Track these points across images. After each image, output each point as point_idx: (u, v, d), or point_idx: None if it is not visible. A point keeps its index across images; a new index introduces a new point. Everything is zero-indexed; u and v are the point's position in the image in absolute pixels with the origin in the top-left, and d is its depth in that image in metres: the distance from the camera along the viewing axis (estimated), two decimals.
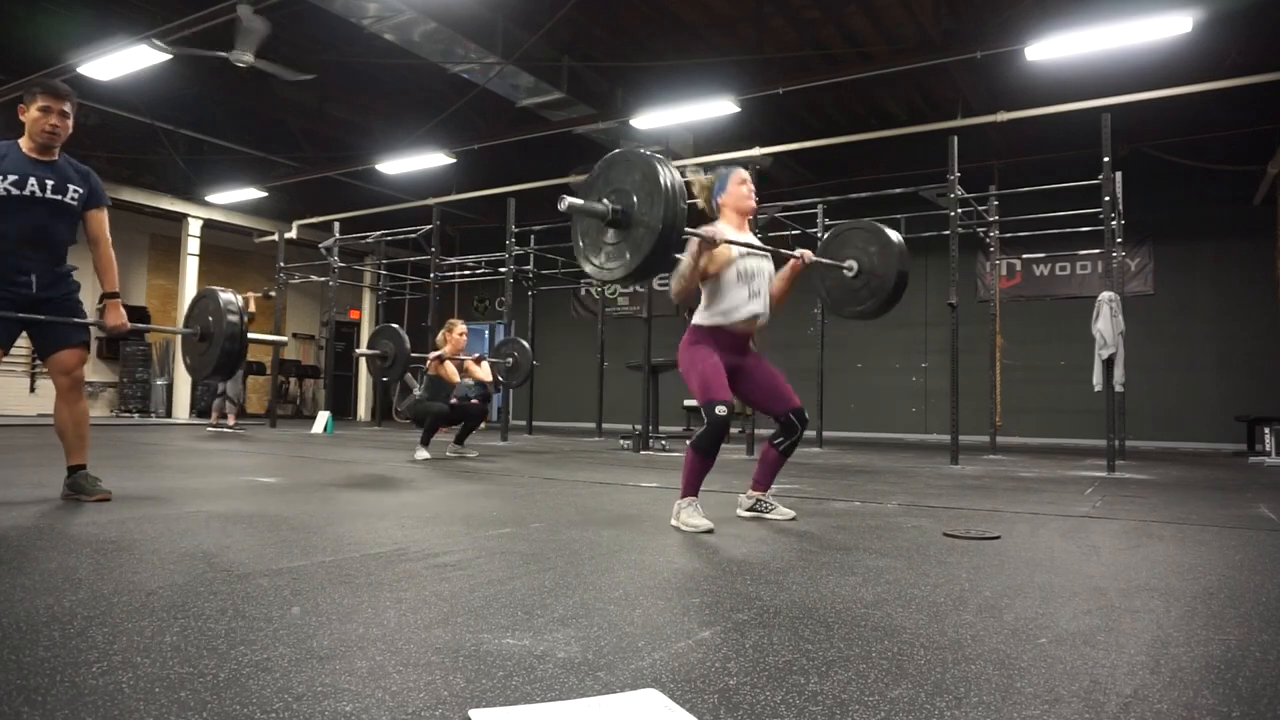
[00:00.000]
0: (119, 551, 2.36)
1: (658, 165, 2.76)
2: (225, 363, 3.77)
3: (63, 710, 1.17)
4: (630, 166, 2.85)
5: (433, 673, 1.37)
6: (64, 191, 3.32)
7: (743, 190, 3.28)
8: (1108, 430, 6.24)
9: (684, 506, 3.09)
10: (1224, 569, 2.44)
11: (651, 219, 2.73)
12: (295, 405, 16.09)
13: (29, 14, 8.75)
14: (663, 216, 2.69)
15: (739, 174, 3.31)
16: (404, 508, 3.64)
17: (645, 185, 2.77)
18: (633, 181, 2.82)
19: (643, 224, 2.76)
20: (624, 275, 2.88)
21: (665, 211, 2.69)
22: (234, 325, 3.73)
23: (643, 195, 2.77)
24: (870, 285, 3.86)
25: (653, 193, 2.73)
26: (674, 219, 2.70)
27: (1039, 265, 11.94)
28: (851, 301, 3.98)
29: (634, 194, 2.80)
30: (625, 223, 2.81)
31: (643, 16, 8.82)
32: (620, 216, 2.82)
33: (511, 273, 10.03)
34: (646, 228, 2.74)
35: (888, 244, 3.81)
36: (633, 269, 2.81)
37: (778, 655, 1.52)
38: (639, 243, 2.77)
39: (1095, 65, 7.86)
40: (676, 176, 2.77)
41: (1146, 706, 1.29)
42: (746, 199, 3.28)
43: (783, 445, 3.30)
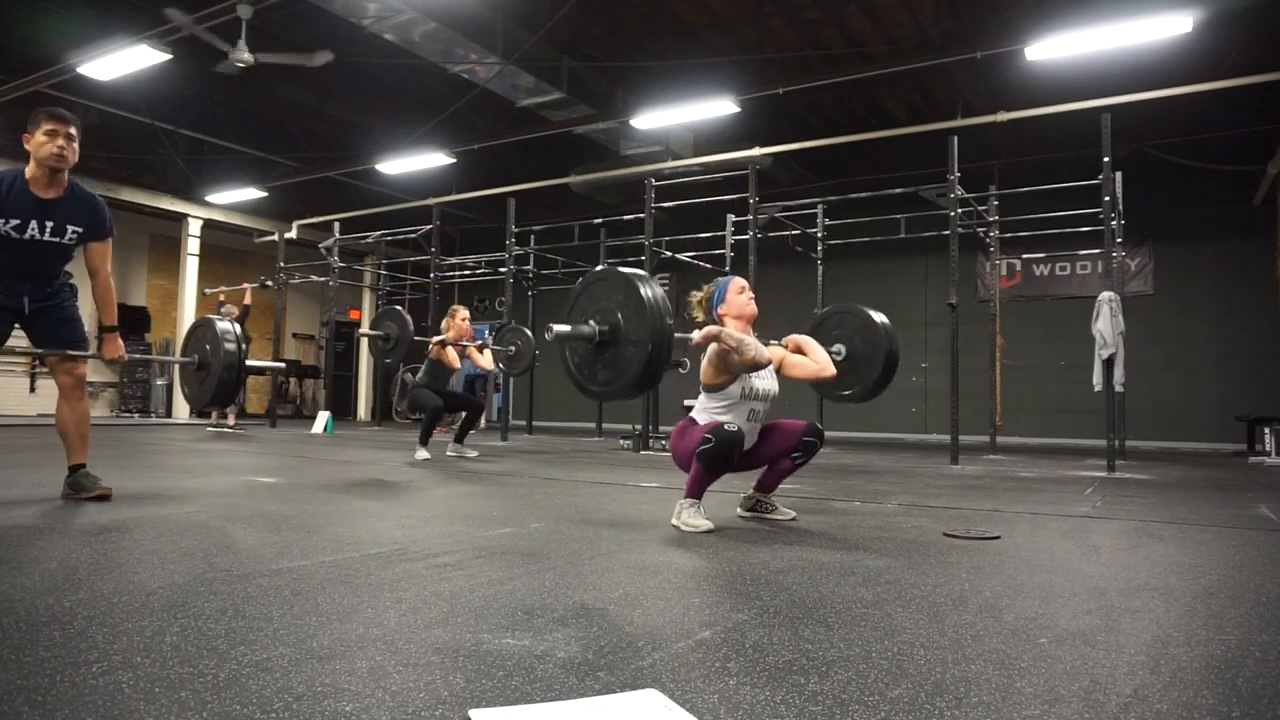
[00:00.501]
0: (119, 552, 2.36)
1: (638, 283, 2.81)
2: (223, 392, 3.78)
3: (63, 710, 1.17)
4: (612, 286, 2.90)
5: (433, 673, 1.37)
6: (62, 234, 3.30)
7: (742, 299, 3.23)
8: (1108, 430, 6.24)
9: (685, 506, 3.09)
10: (1224, 569, 2.44)
11: (639, 336, 2.78)
12: (295, 405, 16.09)
13: (29, 14, 8.75)
14: (650, 332, 2.75)
15: (737, 282, 3.26)
16: (404, 508, 3.64)
17: (628, 303, 2.81)
18: (616, 300, 2.86)
19: (630, 342, 2.81)
20: (622, 393, 2.94)
21: (652, 327, 2.74)
22: (231, 354, 3.72)
23: (627, 313, 2.82)
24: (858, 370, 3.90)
25: (637, 310, 2.78)
26: (660, 334, 2.76)
27: (1039, 265, 11.93)
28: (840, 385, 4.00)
29: (619, 312, 2.85)
30: (613, 342, 2.87)
31: (643, 16, 8.82)
32: (608, 337, 2.87)
33: (511, 273, 10.03)
34: (635, 345, 2.79)
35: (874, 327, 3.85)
36: (628, 387, 2.88)
37: (778, 655, 1.52)
38: (629, 360, 2.83)
39: (1095, 65, 7.86)
40: (658, 291, 2.82)
41: (1146, 706, 1.29)
42: (747, 306, 3.22)
43: (799, 460, 3.29)
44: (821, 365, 3.31)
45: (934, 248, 9.48)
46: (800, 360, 3.33)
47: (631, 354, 2.82)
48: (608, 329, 2.87)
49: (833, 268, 9.50)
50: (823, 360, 3.33)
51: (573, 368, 3.05)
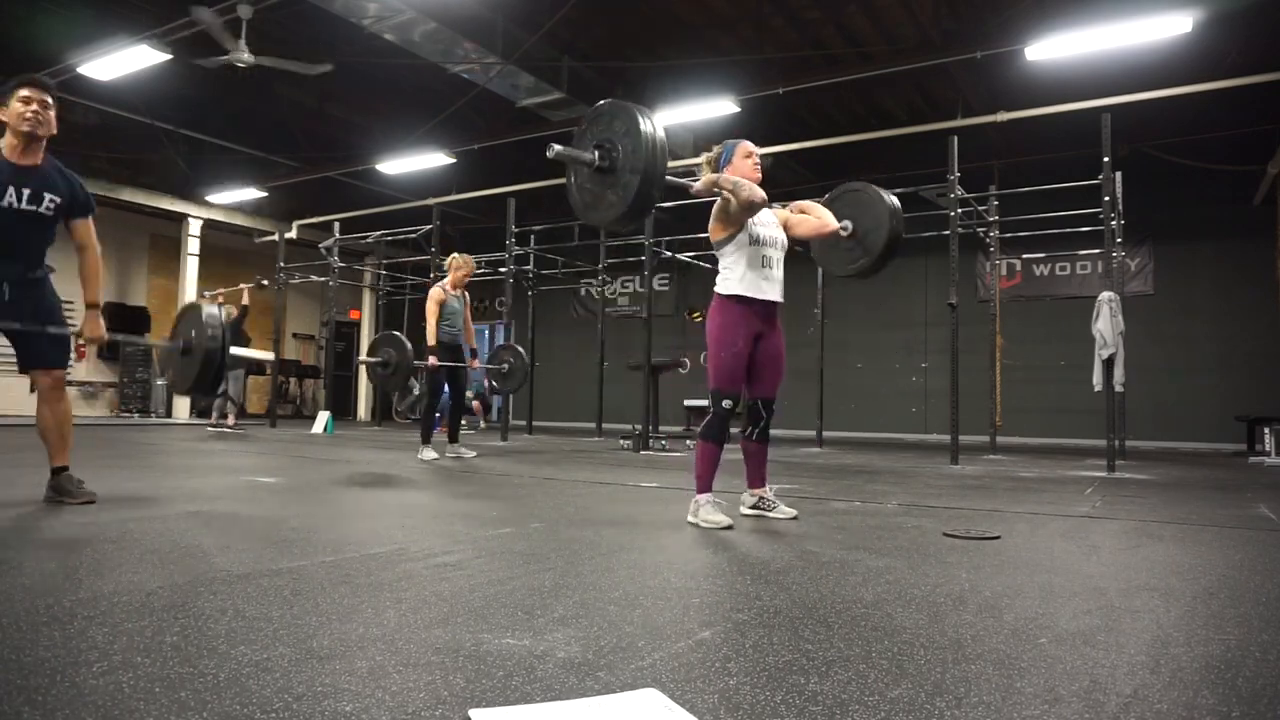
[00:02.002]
0: (119, 551, 2.36)
1: (639, 115, 2.92)
2: (204, 377, 3.63)
3: (63, 710, 1.17)
4: (614, 117, 3.00)
5: (433, 673, 1.37)
6: (39, 201, 3.18)
7: (748, 164, 3.29)
8: (1108, 430, 6.24)
9: (702, 504, 3.14)
10: (1224, 569, 2.44)
11: (635, 164, 2.89)
12: (295, 405, 16.09)
13: (29, 14, 8.75)
14: (644, 161, 2.86)
15: (744, 146, 3.34)
16: (404, 508, 3.64)
17: (628, 133, 2.93)
18: (617, 130, 2.97)
19: (627, 169, 2.92)
20: (615, 218, 3.04)
21: (646, 157, 2.86)
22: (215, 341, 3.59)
23: (626, 143, 2.93)
24: (864, 244, 3.92)
25: (635, 140, 2.90)
26: (655, 163, 2.87)
27: (1039, 265, 11.94)
28: (846, 259, 4.03)
29: (619, 142, 2.95)
30: (611, 169, 2.97)
31: (643, 16, 8.82)
32: (606, 164, 2.97)
33: (511, 273, 10.03)
34: (630, 172, 2.90)
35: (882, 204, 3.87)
36: (621, 212, 2.97)
37: (778, 655, 1.52)
38: (625, 187, 2.93)
39: (1095, 65, 7.86)
40: (657, 126, 2.93)
41: (1146, 706, 1.29)
42: (752, 172, 3.28)
43: (752, 434, 3.37)
44: (823, 221, 3.46)
45: (934, 248, 9.47)
46: (803, 218, 3.46)
47: (627, 180, 2.93)
48: (606, 157, 2.98)
49: None
50: (825, 215, 3.48)
51: (574, 191, 3.15)
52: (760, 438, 3.38)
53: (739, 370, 3.21)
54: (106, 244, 12.62)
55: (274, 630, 1.60)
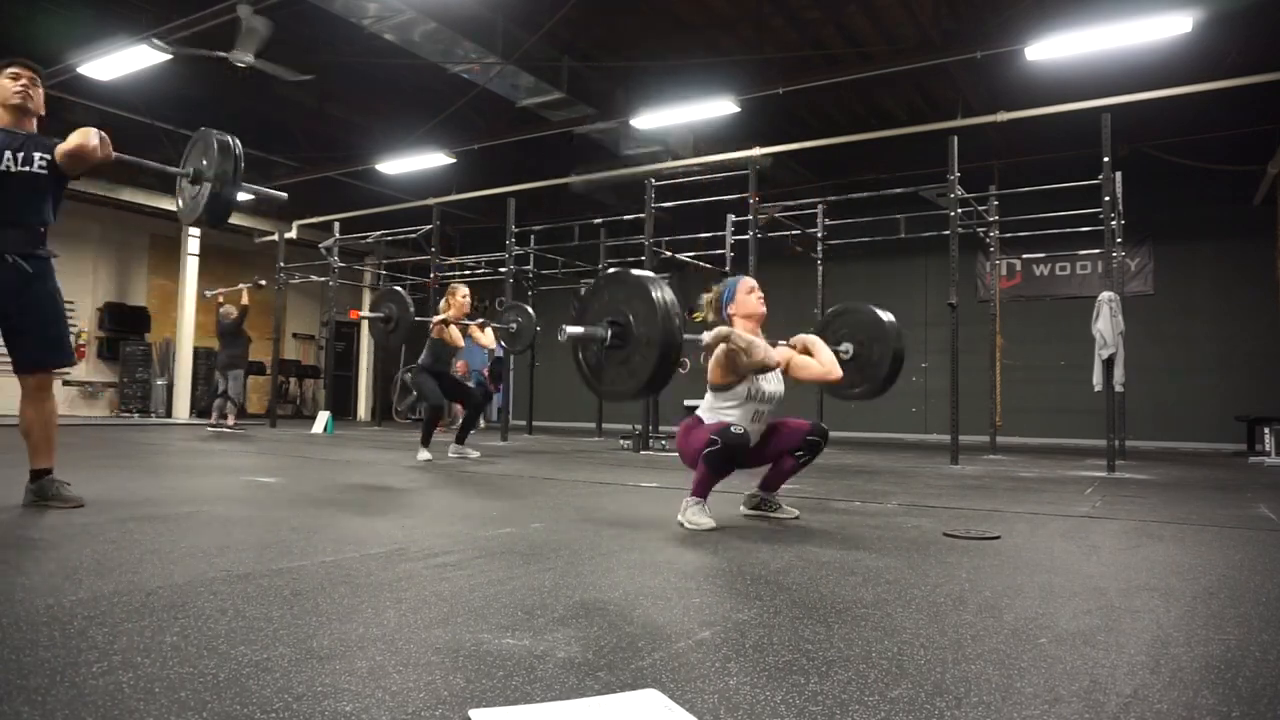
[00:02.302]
0: (119, 551, 2.36)
1: (649, 285, 2.85)
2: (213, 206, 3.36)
3: (63, 710, 1.17)
4: (625, 288, 2.94)
5: (433, 673, 1.37)
6: (31, 161, 3.14)
7: (752, 299, 3.24)
8: (1108, 430, 6.24)
9: (691, 505, 3.11)
10: (1224, 569, 2.44)
11: (650, 337, 2.81)
12: (295, 405, 16.09)
13: (29, 14, 8.75)
14: (660, 334, 2.78)
15: (746, 282, 3.29)
16: (404, 507, 3.64)
17: (640, 306, 2.85)
18: (628, 303, 2.90)
19: (642, 343, 2.85)
20: (633, 395, 2.98)
21: (662, 329, 2.78)
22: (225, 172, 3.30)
23: (638, 315, 2.85)
24: (865, 370, 3.92)
25: (648, 313, 2.82)
26: (671, 335, 2.79)
27: (1039, 265, 11.93)
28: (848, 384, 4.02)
29: (630, 314, 2.88)
30: (624, 343, 2.90)
31: (643, 16, 8.82)
32: (619, 339, 2.91)
33: (511, 273, 10.03)
34: (646, 346, 2.83)
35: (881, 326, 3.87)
36: (639, 388, 2.91)
37: (778, 655, 1.52)
38: (641, 362, 2.86)
39: (1095, 65, 7.86)
40: (669, 294, 2.85)
41: (1146, 706, 1.29)
42: (757, 306, 3.23)
43: (803, 459, 3.30)
44: (827, 368, 3.31)
45: (934, 248, 9.48)
46: (807, 362, 3.34)
47: (642, 357, 2.86)
48: (619, 331, 2.91)
49: (833, 268, 9.50)
50: (829, 363, 3.32)
51: (585, 368, 3.09)
52: (803, 463, 3.31)
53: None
54: (107, 244, 12.57)
55: (274, 630, 1.60)
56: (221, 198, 3.32)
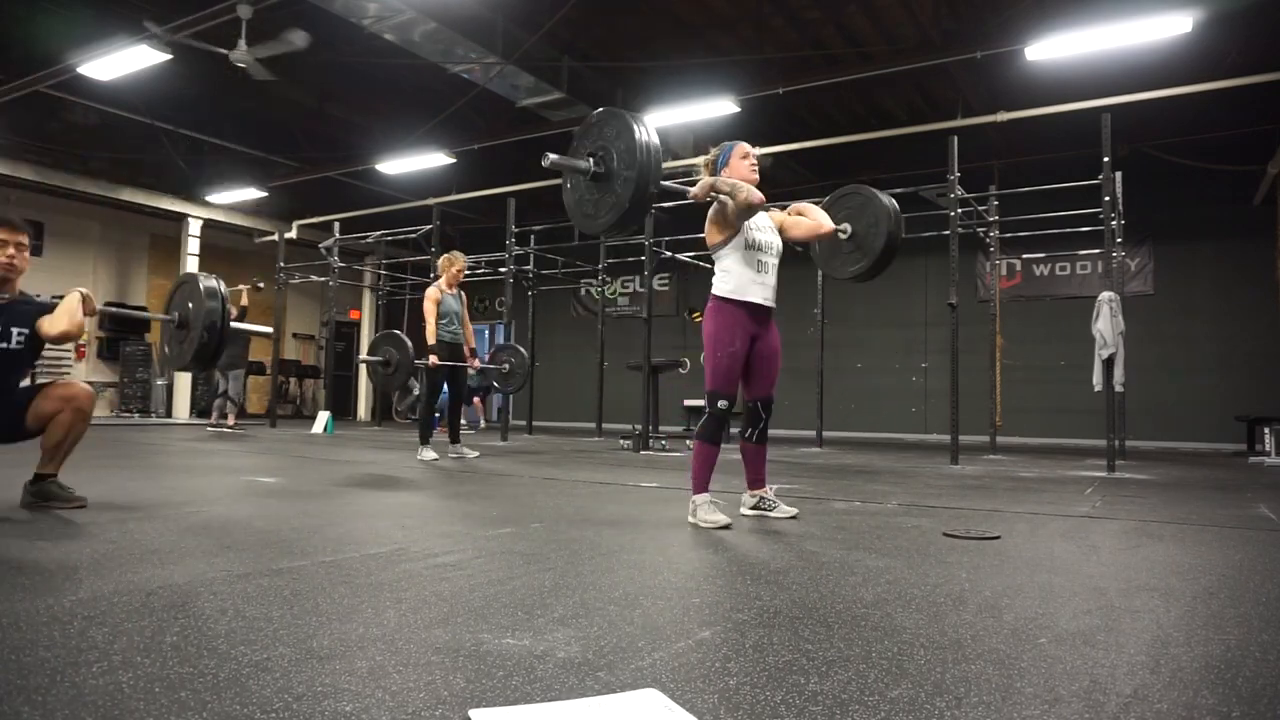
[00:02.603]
0: (119, 551, 2.36)
1: (634, 123, 2.94)
2: (203, 353, 3.41)
3: (63, 710, 1.17)
4: (606, 124, 3.04)
5: (433, 673, 1.37)
6: (8, 338, 3.07)
7: (745, 164, 3.32)
8: (1108, 430, 6.24)
9: (700, 504, 3.15)
10: (1224, 569, 2.44)
11: (629, 173, 2.92)
12: (295, 405, 16.09)
13: (29, 14, 8.75)
14: (639, 162, 2.89)
15: (741, 147, 3.36)
16: (404, 508, 3.64)
17: (620, 137, 2.96)
18: (609, 136, 3.01)
19: (621, 177, 2.95)
20: (608, 225, 3.06)
21: (641, 158, 2.89)
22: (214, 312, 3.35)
23: (620, 145, 2.96)
24: (863, 246, 3.94)
25: (629, 143, 2.93)
26: (649, 163, 2.90)
27: (1039, 265, 11.93)
28: (846, 262, 4.05)
29: (612, 147, 2.98)
30: (606, 176, 3.00)
31: (643, 16, 8.81)
32: (601, 169, 3.01)
33: (511, 273, 10.03)
34: (624, 180, 2.93)
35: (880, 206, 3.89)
36: (620, 214, 3.00)
37: (778, 655, 1.52)
38: (619, 195, 2.96)
39: (1095, 65, 7.85)
40: (652, 135, 2.95)
41: (1146, 706, 1.29)
42: (749, 173, 3.30)
43: (752, 435, 3.39)
44: (818, 222, 3.47)
45: (934, 248, 9.47)
46: (799, 220, 3.47)
47: (621, 188, 2.96)
48: (601, 164, 3.01)
49: None
50: (820, 217, 3.48)
51: (569, 199, 3.19)
52: (759, 439, 3.40)
53: (735, 371, 3.23)
54: (107, 244, 12.54)
55: (274, 630, 1.60)
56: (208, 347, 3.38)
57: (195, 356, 3.44)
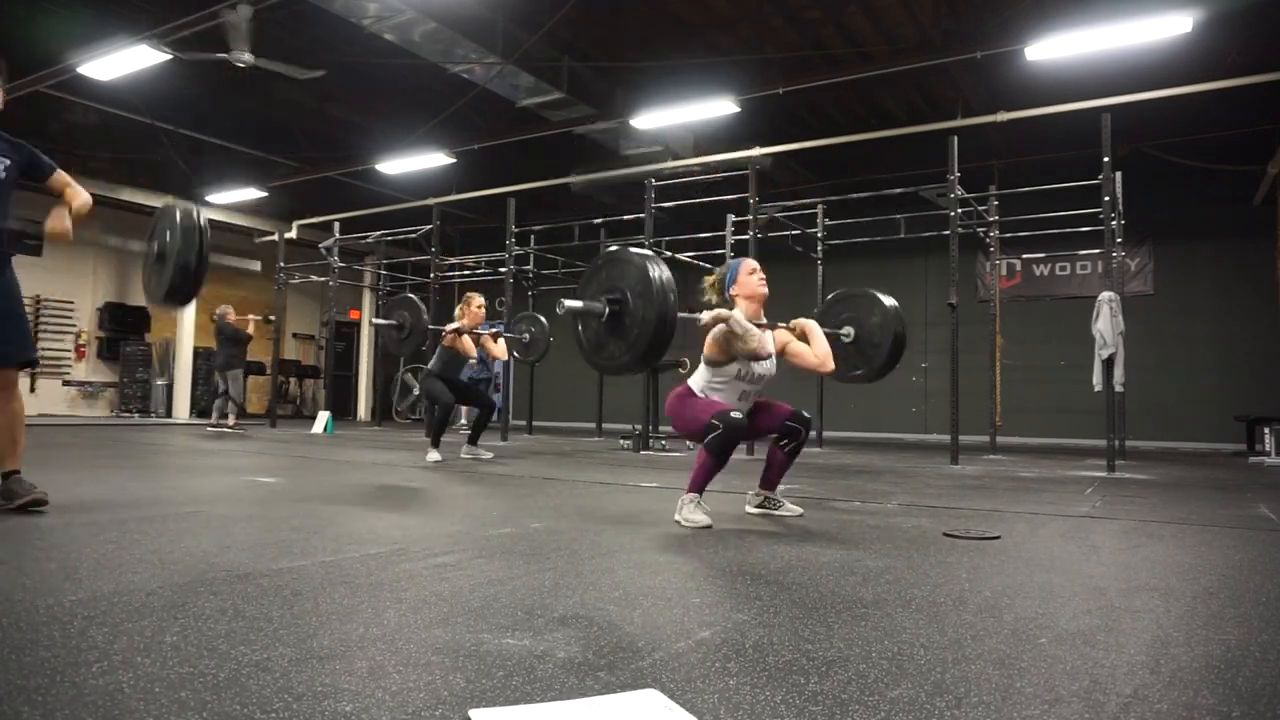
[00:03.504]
0: (119, 551, 2.36)
1: (648, 264, 2.95)
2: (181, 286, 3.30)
3: (63, 710, 1.17)
4: (623, 265, 3.04)
5: (433, 673, 1.37)
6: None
7: (754, 279, 3.32)
8: (1108, 430, 6.24)
9: (687, 502, 3.16)
10: (1224, 569, 2.44)
11: (646, 314, 2.92)
12: (295, 405, 16.09)
13: (29, 14, 8.75)
14: (655, 312, 2.89)
15: (748, 264, 3.36)
16: (404, 507, 3.64)
17: (637, 283, 2.95)
18: (626, 279, 3.00)
19: (638, 319, 2.95)
20: (629, 367, 3.08)
21: (657, 307, 2.89)
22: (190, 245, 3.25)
23: (635, 292, 2.96)
24: (865, 353, 3.97)
25: (644, 290, 2.92)
26: (665, 313, 2.90)
27: (1039, 265, 11.93)
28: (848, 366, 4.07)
29: (628, 291, 2.98)
30: (621, 318, 3.00)
31: (643, 16, 8.81)
32: (616, 314, 3.01)
33: (511, 273, 10.03)
34: (642, 322, 2.93)
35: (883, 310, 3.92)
36: (634, 361, 3.01)
37: (778, 655, 1.52)
38: (636, 337, 2.96)
39: (1095, 65, 7.85)
40: (666, 273, 2.94)
41: (1146, 706, 1.29)
42: (759, 287, 3.31)
43: (788, 447, 3.35)
44: (821, 360, 3.37)
45: (934, 248, 9.48)
46: (802, 350, 3.40)
47: (639, 332, 2.95)
48: (617, 305, 3.01)
49: (832, 268, 9.50)
50: (823, 355, 3.38)
51: (584, 341, 3.19)
52: (792, 453, 3.36)
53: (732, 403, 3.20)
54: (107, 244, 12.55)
55: (274, 630, 1.60)
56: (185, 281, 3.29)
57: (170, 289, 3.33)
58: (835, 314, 4.11)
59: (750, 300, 3.30)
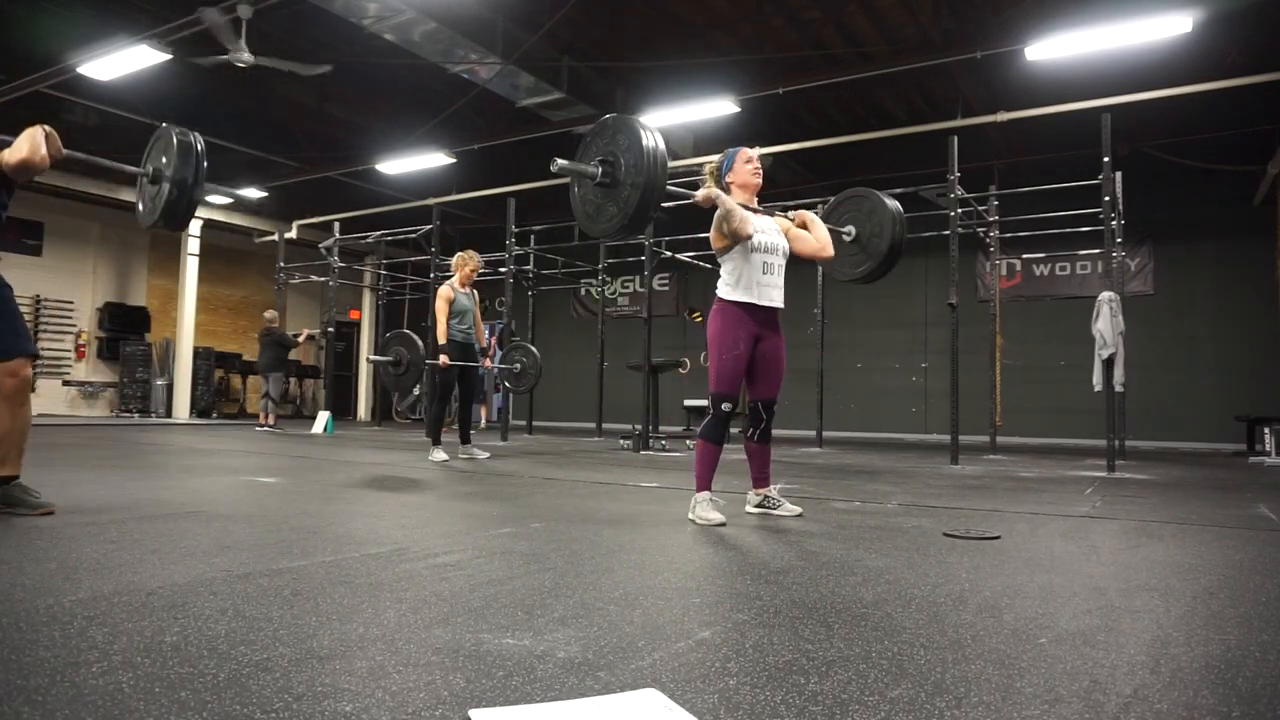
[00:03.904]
0: (119, 551, 2.36)
1: (640, 129, 2.99)
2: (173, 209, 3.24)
3: (63, 710, 1.17)
4: (618, 131, 3.08)
5: (433, 673, 1.37)
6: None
7: (748, 169, 3.43)
8: (1108, 430, 6.24)
9: (699, 501, 3.23)
10: (1224, 569, 2.44)
11: (636, 178, 2.96)
12: (295, 405, 16.10)
13: (29, 14, 8.75)
14: (645, 175, 2.94)
15: (745, 152, 3.46)
16: (404, 508, 3.64)
17: (630, 148, 3.00)
18: (620, 145, 3.05)
19: (628, 184, 3.00)
20: (615, 230, 3.10)
21: (648, 170, 2.94)
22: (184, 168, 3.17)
23: (628, 157, 3.00)
24: (867, 249, 3.99)
25: (637, 155, 2.97)
26: (655, 179, 2.95)
27: (1039, 265, 11.93)
28: (850, 264, 4.10)
29: (621, 156, 3.03)
30: (613, 183, 3.06)
31: (643, 16, 8.82)
32: (608, 177, 3.06)
33: (511, 273, 10.03)
34: (631, 187, 2.98)
35: (885, 210, 3.93)
36: (622, 223, 3.05)
37: (778, 655, 1.52)
38: (626, 200, 3.01)
39: (1095, 65, 7.86)
40: (658, 140, 3.00)
41: (1146, 706, 1.29)
42: (752, 176, 3.42)
43: (754, 435, 3.44)
44: (821, 245, 3.54)
45: (934, 248, 9.48)
46: (803, 235, 3.54)
47: (628, 194, 3.00)
48: (608, 170, 3.05)
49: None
50: (824, 240, 3.55)
51: (577, 202, 3.24)
52: (761, 439, 3.44)
53: (739, 373, 3.26)
54: (107, 244, 12.55)
55: (274, 630, 1.60)
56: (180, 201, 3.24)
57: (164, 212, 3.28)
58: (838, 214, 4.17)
59: (743, 189, 3.41)
